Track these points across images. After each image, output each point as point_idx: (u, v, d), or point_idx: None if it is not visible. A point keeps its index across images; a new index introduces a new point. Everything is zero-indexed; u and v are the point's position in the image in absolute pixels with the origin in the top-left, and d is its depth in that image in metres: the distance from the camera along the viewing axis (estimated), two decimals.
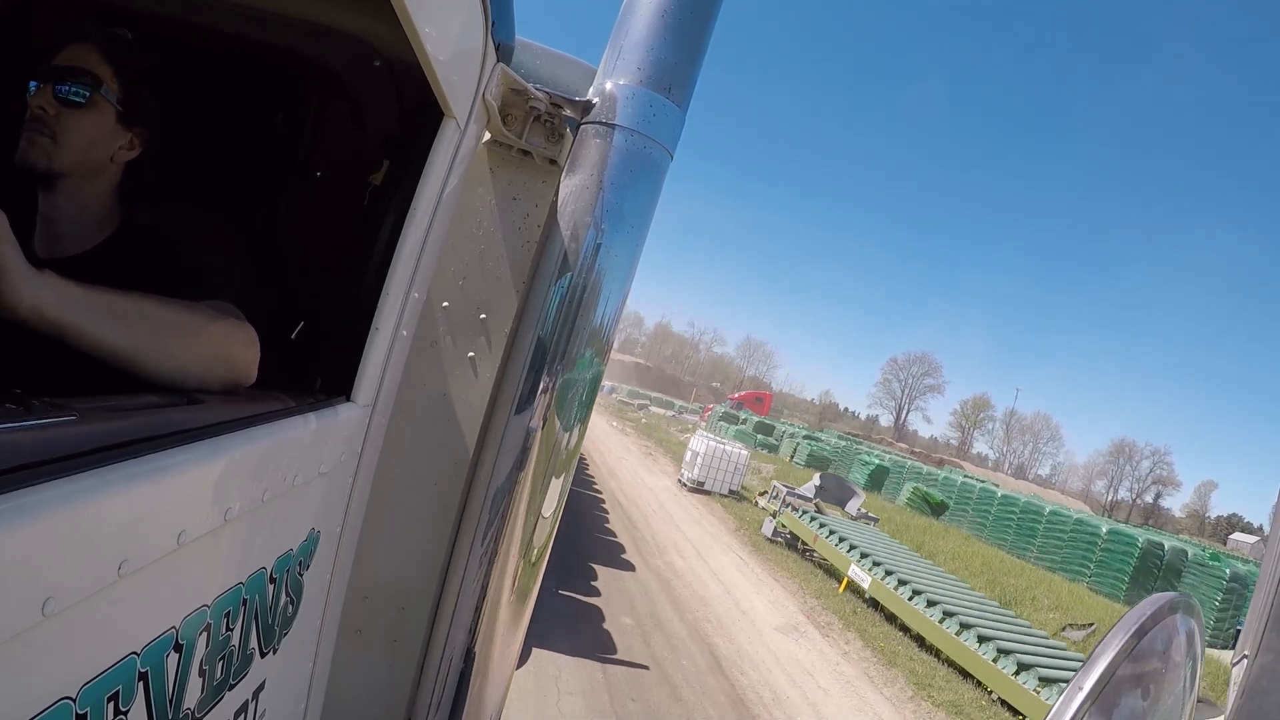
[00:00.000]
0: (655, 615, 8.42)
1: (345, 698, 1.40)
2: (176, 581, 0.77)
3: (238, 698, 0.96)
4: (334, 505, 1.23)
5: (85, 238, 1.21)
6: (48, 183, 1.18)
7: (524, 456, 1.37)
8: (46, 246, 1.20)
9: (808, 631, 9.27)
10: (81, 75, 1.16)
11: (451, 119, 1.20)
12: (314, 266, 1.47)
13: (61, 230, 1.21)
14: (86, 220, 1.22)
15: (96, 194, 1.22)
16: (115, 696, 0.66)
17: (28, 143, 1.14)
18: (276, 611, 1.05)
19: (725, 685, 7.05)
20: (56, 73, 1.16)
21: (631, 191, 1.39)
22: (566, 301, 1.36)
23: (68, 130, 1.16)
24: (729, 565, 11.53)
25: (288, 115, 1.59)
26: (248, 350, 1.07)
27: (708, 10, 1.46)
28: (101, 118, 1.19)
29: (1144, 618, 0.91)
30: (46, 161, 1.15)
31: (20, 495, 0.54)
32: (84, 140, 1.18)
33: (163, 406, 0.85)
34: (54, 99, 1.15)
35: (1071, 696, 0.84)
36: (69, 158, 1.17)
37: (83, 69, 1.17)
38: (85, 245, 1.21)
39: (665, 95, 1.39)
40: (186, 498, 0.77)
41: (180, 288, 1.08)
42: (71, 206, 1.20)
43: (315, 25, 1.47)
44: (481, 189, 1.44)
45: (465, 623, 1.38)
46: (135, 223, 1.24)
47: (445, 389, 1.41)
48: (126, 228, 1.24)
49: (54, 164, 1.16)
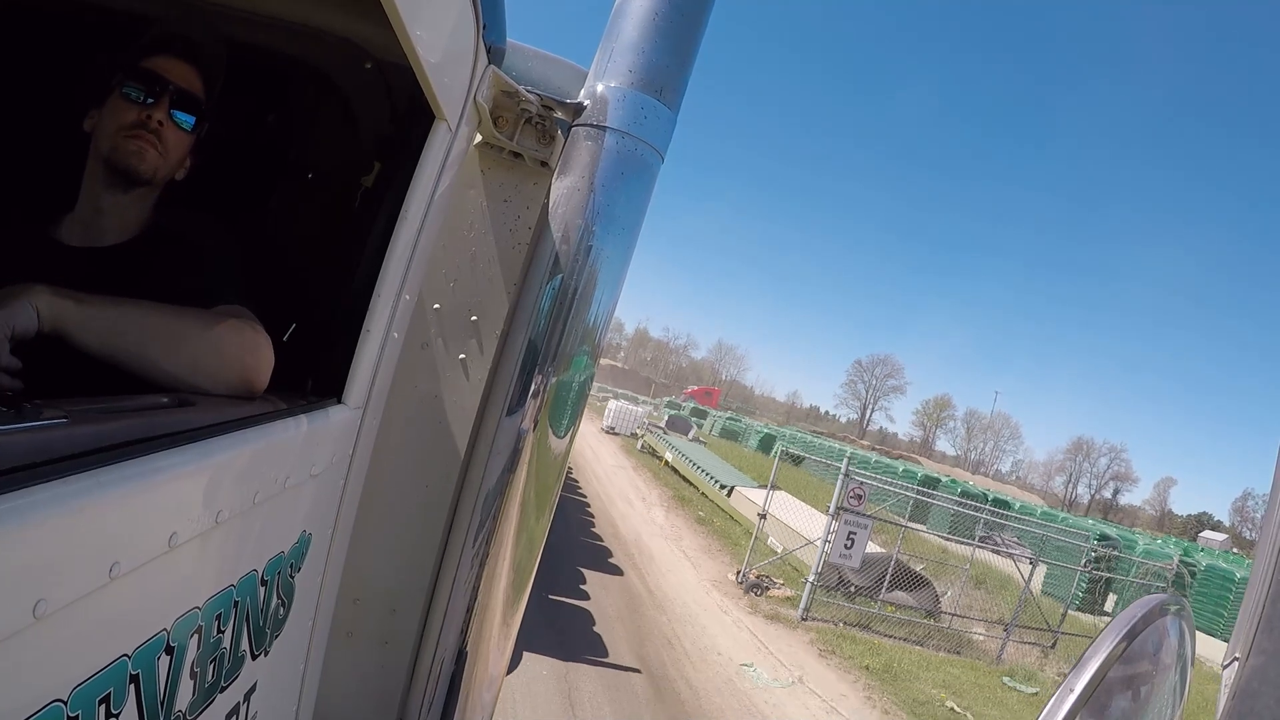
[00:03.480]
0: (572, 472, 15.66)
1: (336, 700, 1.39)
2: (168, 584, 0.77)
3: (229, 700, 0.96)
4: (325, 507, 1.22)
5: (124, 232, 1.26)
6: (129, 186, 1.23)
7: (515, 458, 1.37)
8: (86, 236, 1.24)
9: (633, 471, 20.56)
10: (196, 103, 1.26)
11: (442, 121, 1.20)
12: (305, 268, 1.47)
13: (109, 224, 1.25)
14: (131, 219, 1.27)
15: (151, 200, 1.29)
16: (107, 699, 0.66)
17: (139, 150, 1.20)
18: (268, 613, 1.04)
19: (589, 484, 16.33)
20: (173, 91, 1.22)
21: (623, 193, 1.39)
22: (558, 303, 1.36)
23: (173, 148, 1.24)
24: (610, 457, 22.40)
25: (279, 117, 1.59)
26: (261, 357, 1.08)
27: (699, 13, 1.46)
28: (194, 138, 1.28)
29: (1134, 619, 0.92)
30: (152, 172, 1.23)
31: (11, 498, 0.53)
32: (180, 154, 1.27)
33: (154, 409, 0.85)
34: (170, 117, 1.22)
35: (1063, 698, 0.84)
36: (166, 172, 1.26)
37: (197, 96, 1.26)
38: (120, 238, 1.25)
39: (656, 97, 1.40)
40: (178, 500, 0.77)
41: (204, 289, 1.13)
42: (132, 208, 1.26)
43: (306, 28, 1.46)
44: (473, 191, 1.44)
45: (456, 624, 1.38)
46: (162, 223, 1.30)
47: (437, 391, 1.41)
48: (153, 227, 1.29)
49: (156, 175, 1.24)
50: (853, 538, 9.82)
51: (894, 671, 8.52)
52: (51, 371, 0.87)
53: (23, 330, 0.86)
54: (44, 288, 0.91)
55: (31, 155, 1.40)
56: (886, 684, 8.11)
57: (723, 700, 6.67)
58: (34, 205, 1.25)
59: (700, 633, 8.35)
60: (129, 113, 1.20)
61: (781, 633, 9.05)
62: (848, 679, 8.08)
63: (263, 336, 1.09)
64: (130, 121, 1.19)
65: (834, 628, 9.59)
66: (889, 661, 8.78)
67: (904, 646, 9.70)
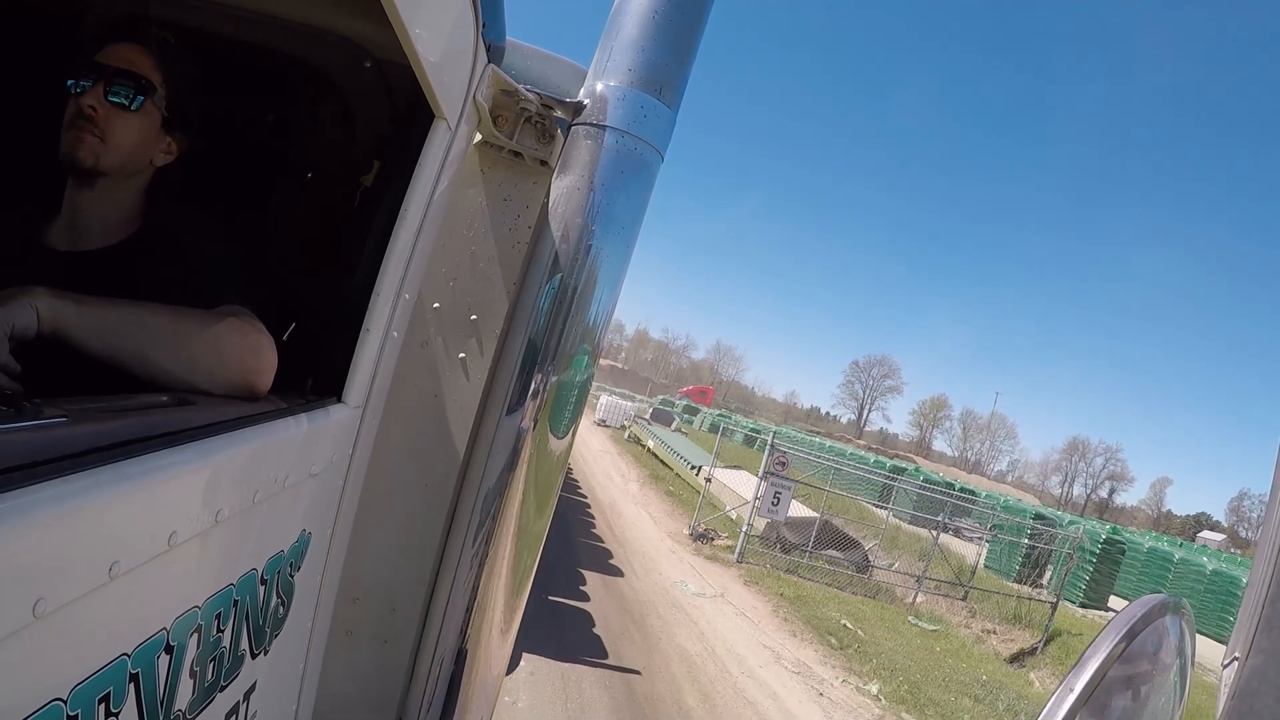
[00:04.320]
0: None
1: (336, 699, 1.39)
2: (167, 583, 0.77)
3: (229, 699, 0.96)
4: (325, 506, 1.22)
5: (110, 234, 1.23)
6: (87, 180, 1.19)
7: (515, 457, 1.37)
8: (71, 239, 1.21)
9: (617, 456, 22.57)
10: (135, 79, 1.18)
11: (442, 120, 1.20)
12: (305, 267, 1.47)
13: (88, 225, 1.22)
14: (114, 218, 1.23)
15: (130, 194, 1.24)
16: (106, 698, 0.66)
17: (75, 140, 1.15)
18: (267, 613, 1.04)
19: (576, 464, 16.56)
20: (109, 73, 1.16)
21: (622, 192, 1.39)
22: (557, 302, 1.36)
23: (116, 132, 1.17)
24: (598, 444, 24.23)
25: (279, 116, 1.59)
26: (264, 359, 1.07)
27: (698, 11, 1.46)
28: (149, 122, 1.21)
29: (1134, 619, 0.92)
30: (94, 161, 1.16)
31: (11, 497, 0.53)
32: (131, 143, 1.20)
33: (154, 408, 0.85)
34: (105, 100, 1.16)
35: (1063, 698, 0.84)
36: (114, 159, 1.18)
37: (137, 73, 1.18)
38: (109, 241, 1.22)
39: (656, 96, 1.40)
40: (178, 499, 0.77)
41: (200, 290, 1.10)
42: (104, 204, 1.22)
43: (306, 27, 1.46)
44: (472, 190, 1.44)
45: (456, 624, 1.38)
46: (155, 224, 1.26)
47: (436, 390, 1.41)
48: (146, 228, 1.25)
49: (100, 164, 1.17)
50: (778, 496, 11.91)
51: (805, 600, 10.18)
52: (51, 371, 0.87)
53: (22, 330, 0.86)
54: (44, 289, 0.90)
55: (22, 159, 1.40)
56: (795, 606, 9.73)
57: (655, 598, 8.70)
58: (27, 210, 1.24)
59: (650, 563, 10.34)
60: (70, 106, 1.16)
61: (717, 569, 10.95)
62: (763, 600, 9.82)
63: (265, 338, 1.08)
64: (70, 115, 1.16)
65: (764, 570, 11.33)
66: (804, 593, 10.48)
67: (825, 588, 11.39)
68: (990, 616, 12.35)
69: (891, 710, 7.28)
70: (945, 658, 9.46)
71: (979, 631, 11.53)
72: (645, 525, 13.01)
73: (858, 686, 7.65)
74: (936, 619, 11.45)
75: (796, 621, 9.16)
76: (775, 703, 6.69)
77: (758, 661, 7.59)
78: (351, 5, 1.43)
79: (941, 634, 10.70)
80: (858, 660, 8.36)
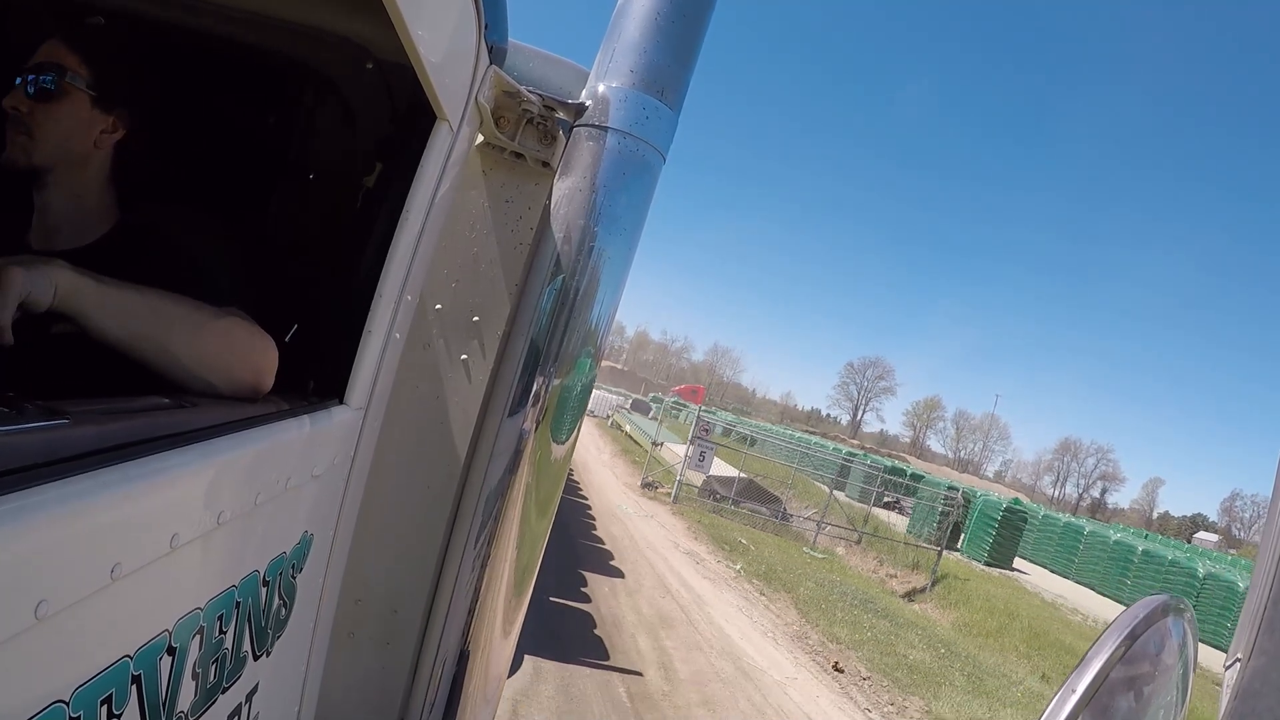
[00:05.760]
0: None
1: (338, 700, 1.39)
2: (169, 584, 0.77)
3: (231, 700, 0.96)
4: (327, 508, 1.22)
5: (82, 231, 1.21)
6: (35, 178, 1.17)
7: (517, 459, 1.37)
8: (43, 240, 1.19)
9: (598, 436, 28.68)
10: (46, 68, 1.16)
11: (444, 121, 1.20)
12: (307, 269, 1.47)
13: (56, 223, 1.20)
14: (80, 212, 1.21)
15: (86, 183, 1.21)
16: (108, 699, 0.66)
17: (8, 144, 1.14)
18: (269, 614, 1.04)
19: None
20: (24, 70, 1.15)
21: (624, 194, 1.39)
22: (559, 304, 1.36)
23: (41, 124, 1.15)
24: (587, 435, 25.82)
25: (280, 117, 1.59)
26: (269, 359, 1.07)
27: (700, 13, 1.46)
28: (74, 105, 1.18)
29: (1136, 620, 0.92)
30: (26, 158, 1.15)
31: (13, 498, 0.53)
32: (59, 131, 1.17)
33: (156, 409, 0.85)
34: (24, 96, 1.15)
35: (1065, 699, 0.84)
36: (47, 150, 1.16)
37: (47, 61, 1.16)
38: (82, 240, 1.20)
39: (658, 98, 1.40)
40: (180, 501, 0.77)
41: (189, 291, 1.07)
42: (61, 198, 1.20)
43: (308, 28, 1.46)
44: (474, 191, 1.44)
45: (458, 625, 1.38)
46: (133, 220, 1.23)
47: (438, 392, 1.41)
48: (124, 225, 1.23)
49: (34, 159, 1.15)
50: (704, 455, 16.64)
51: (718, 526, 14.47)
52: (51, 371, 0.87)
53: (35, 299, 0.84)
54: (65, 264, 0.89)
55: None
56: (707, 528, 13.97)
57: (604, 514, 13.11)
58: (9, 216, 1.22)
59: (605, 498, 15.09)
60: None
61: (655, 505, 15.70)
62: (683, 524, 14.15)
63: (269, 339, 1.09)
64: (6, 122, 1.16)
65: (693, 510, 15.62)
66: (719, 524, 14.73)
67: (741, 526, 15.41)
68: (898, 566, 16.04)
69: (745, 578, 11.00)
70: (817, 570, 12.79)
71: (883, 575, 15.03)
72: (608, 478, 18.52)
73: (727, 565, 11.58)
74: (828, 553, 15.42)
75: (703, 536, 13.33)
76: (666, 565, 10.77)
77: (663, 547, 11.89)
78: (353, 6, 1.43)
79: (827, 561, 14.41)
80: (739, 558, 12.04)
